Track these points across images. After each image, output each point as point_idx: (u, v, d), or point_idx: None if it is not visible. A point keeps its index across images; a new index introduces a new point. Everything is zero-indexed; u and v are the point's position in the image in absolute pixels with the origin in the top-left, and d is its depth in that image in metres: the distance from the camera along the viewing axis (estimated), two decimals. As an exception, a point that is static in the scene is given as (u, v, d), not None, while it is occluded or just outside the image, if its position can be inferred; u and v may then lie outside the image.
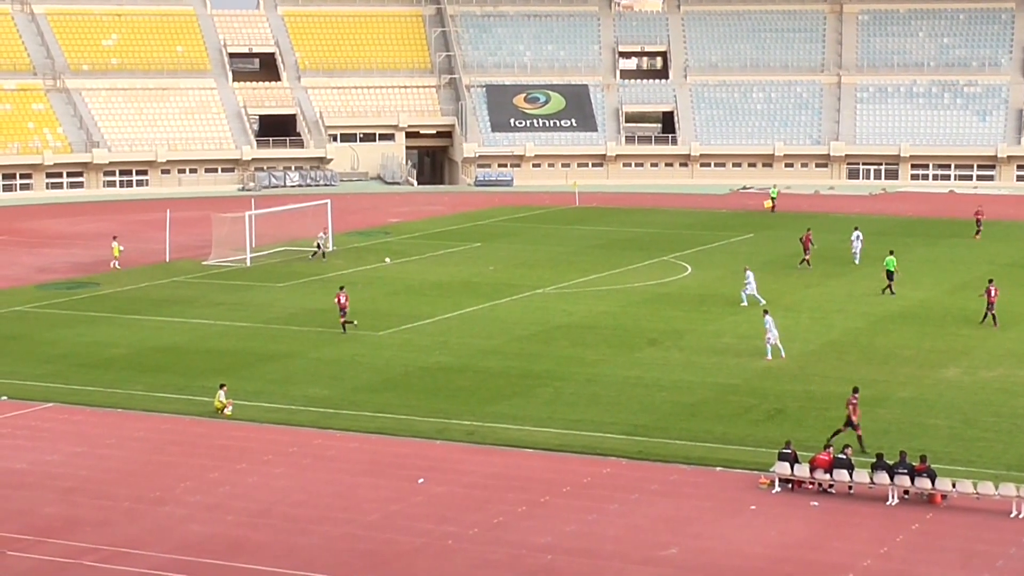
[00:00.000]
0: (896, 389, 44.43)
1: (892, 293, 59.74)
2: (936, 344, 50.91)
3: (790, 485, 34.93)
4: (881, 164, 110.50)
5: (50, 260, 73.23)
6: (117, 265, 68.97)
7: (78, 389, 45.37)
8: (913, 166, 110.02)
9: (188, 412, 42.57)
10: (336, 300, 54.07)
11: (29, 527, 32.51)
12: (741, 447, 38.33)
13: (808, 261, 68.15)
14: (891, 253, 61.88)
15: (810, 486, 34.84)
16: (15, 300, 61.29)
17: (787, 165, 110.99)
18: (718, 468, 36.69)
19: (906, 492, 34.03)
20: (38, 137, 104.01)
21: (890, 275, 60.48)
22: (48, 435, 40.46)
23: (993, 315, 53.71)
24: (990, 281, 55.39)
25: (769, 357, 48.09)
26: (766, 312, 49.73)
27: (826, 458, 34.74)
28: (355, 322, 53.73)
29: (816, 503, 34.09)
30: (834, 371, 46.87)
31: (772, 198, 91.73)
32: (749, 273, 58.43)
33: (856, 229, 70.88)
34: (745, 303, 57.24)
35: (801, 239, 69.26)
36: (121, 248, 69.80)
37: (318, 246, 71.76)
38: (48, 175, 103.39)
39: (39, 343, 52.44)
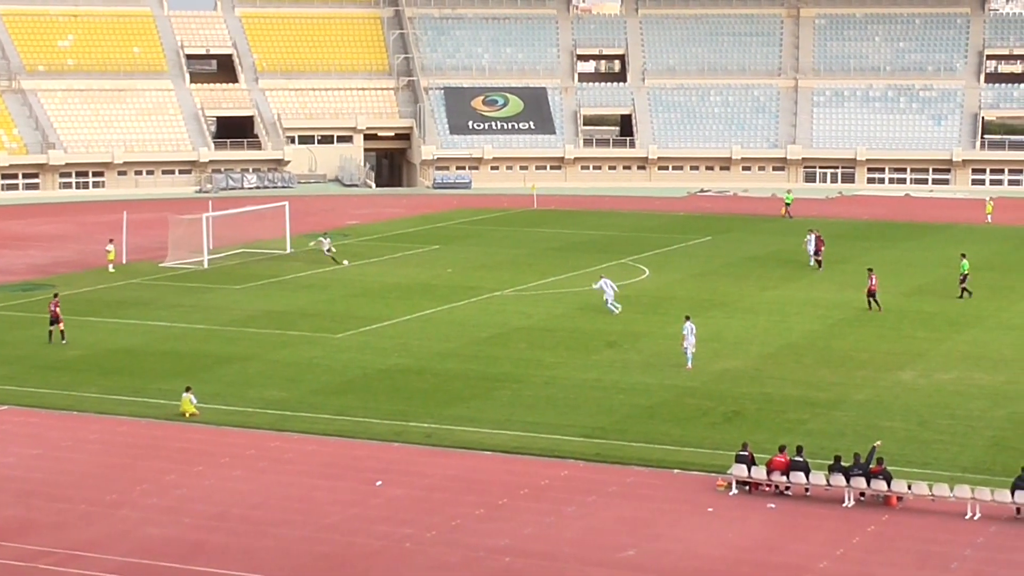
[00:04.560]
0: (853, 391, 44.70)
1: (969, 294, 59.95)
2: (892, 347, 51.25)
3: (747, 487, 35.10)
4: (838, 168, 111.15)
5: (6, 262, 72.66)
6: (111, 268, 68.60)
7: (34, 391, 45.06)
8: (869, 170, 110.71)
9: (145, 415, 42.36)
10: (49, 308, 52.55)
11: (-16, 531, 32.29)
12: (698, 449, 38.48)
13: (820, 262, 68.42)
14: (963, 256, 62.13)
15: (767, 488, 35.02)
16: (-31, 302, 60.83)
17: (744, 168, 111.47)
18: (675, 470, 36.82)
19: (862, 494, 34.26)
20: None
21: (964, 278, 60.72)
22: (3, 437, 40.16)
23: (876, 301, 57.41)
24: (870, 270, 58.56)
25: (690, 366, 47.58)
26: (687, 318, 49.01)
27: (783, 460, 34.94)
28: (65, 339, 51.59)
29: (773, 505, 34.26)
30: (791, 374, 47.12)
31: (787, 203, 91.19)
32: (603, 281, 57.66)
33: (810, 232, 71.11)
34: (618, 310, 56.39)
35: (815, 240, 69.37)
36: (113, 250, 69.47)
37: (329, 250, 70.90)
38: (3, 176, 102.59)
39: (-6, 345, 52.08)
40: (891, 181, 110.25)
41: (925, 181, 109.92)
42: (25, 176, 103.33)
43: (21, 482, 35.95)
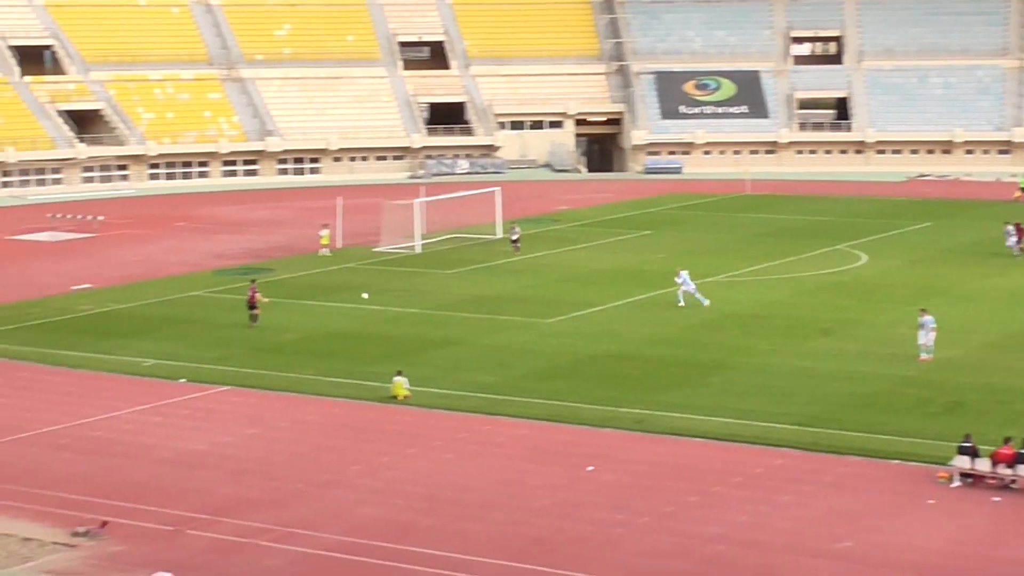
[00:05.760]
0: (1083, 382, 42.82)
1: None
2: (1125, 336, 48.98)
3: (970, 480, 33.87)
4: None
5: (226, 246, 74.72)
6: (327, 252, 70.07)
7: (252, 372, 46.13)
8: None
9: (359, 397, 42.97)
10: (248, 293, 53.37)
11: (206, 506, 33.15)
12: (917, 440, 37.30)
13: (1022, 249, 65.97)
14: None
15: (991, 481, 33.74)
16: (192, 285, 62.67)
17: (967, 152, 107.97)
18: (894, 461, 35.75)
19: (1095, 489, 32.76)
20: (214, 126, 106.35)
21: None
22: (224, 417, 41.24)
23: None
24: None
25: (923, 356, 45.80)
26: (924, 311, 47.06)
27: (1009, 452, 33.60)
28: (257, 322, 52.37)
29: (998, 499, 33.00)
30: (1017, 363, 45.36)
31: (1022, 188, 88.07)
32: (683, 273, 55.63)
33: (1007, 224, 67.99)
34: (682, 302, 54.72)
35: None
36: (327, 234, 70.82)
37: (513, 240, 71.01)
38: (224, 163, 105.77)
39: (215, 327, 53.51)
40: None
41: None
42: (244, 163, 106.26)
43: (239, 460, 36.82)
